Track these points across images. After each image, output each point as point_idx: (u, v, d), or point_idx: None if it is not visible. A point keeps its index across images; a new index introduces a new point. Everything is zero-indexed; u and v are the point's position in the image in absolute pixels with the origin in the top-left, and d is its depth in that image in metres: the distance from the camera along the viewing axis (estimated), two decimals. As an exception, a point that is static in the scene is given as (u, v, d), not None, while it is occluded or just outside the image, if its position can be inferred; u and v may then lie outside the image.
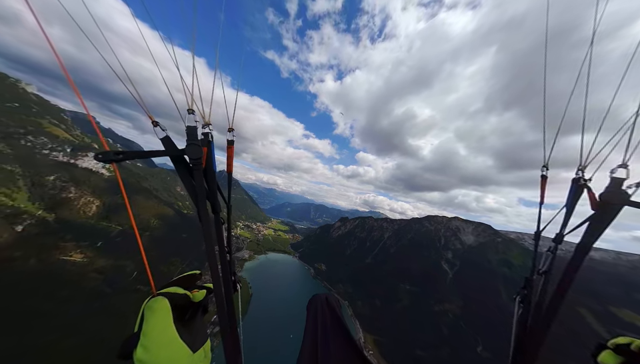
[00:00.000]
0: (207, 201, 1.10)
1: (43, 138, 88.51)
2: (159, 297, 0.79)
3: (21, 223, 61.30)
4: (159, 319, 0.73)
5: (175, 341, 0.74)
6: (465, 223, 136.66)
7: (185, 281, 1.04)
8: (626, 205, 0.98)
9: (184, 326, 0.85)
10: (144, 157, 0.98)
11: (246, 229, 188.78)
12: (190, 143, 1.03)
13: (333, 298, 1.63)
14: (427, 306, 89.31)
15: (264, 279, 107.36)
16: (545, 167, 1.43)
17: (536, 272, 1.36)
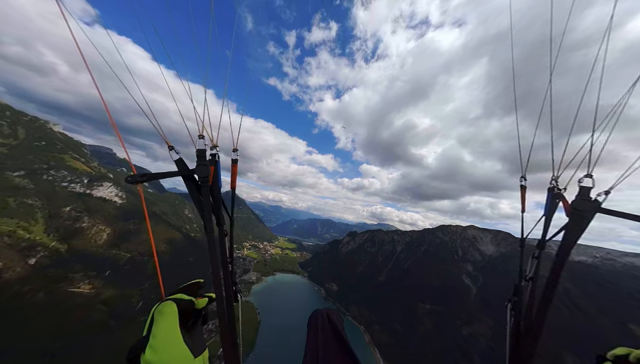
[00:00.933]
0: (212, 215, 1.24)
1: (64, 171, 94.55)
2: (168, 301, 0.84)
3: (34, 255, 62.55)
4: (168, 321, 0.78)
5: (180, 343, 0.78)
6: (482, 232, 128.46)
7: (189, 288, 1.11)
8: (597, 212, 1.08)
9: (187, 332, 0.90)
10: (162, 177, 1.19)
11: (253, 250, 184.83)
12: (199, 164, 1.23)
13: (334, 313, 1.62)
14: (453, 329, 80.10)
15: (273, 304, 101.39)
16: (523, 177, 1.58)
17: (523, 278, 1.45)
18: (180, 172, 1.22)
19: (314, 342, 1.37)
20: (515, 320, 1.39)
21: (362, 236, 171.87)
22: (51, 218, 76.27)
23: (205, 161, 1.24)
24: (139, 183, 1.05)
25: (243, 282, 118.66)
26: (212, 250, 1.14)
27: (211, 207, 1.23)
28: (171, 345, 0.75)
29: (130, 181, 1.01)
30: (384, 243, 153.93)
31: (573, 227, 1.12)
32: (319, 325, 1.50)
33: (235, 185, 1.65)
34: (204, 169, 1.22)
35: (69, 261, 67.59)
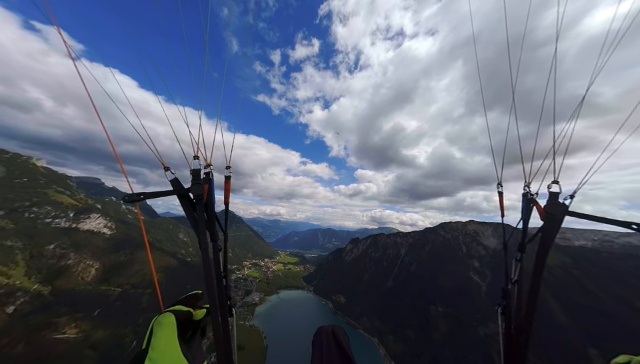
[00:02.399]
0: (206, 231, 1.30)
1: (47, 207, 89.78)
2: (167, 313, 0.87)
3: (13, 303, 57.10)
4: (167, 333, 0.79)
5: (178, 356, 0.78)
6: (482, 226, 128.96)
7: (188, 300, 1.14)
8: (566, 215, 1.19)
9: (185, 343, 0.92)
10: (159, 196, 1.23)
11: (254, 268, 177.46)
12: (195, 183, 1.29)
13: (340, 330, 1.62)
14: (470, 330, 77.08)
15: (279, 325, 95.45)
16: (500, 184, 1.70)
17: (509, 281, 1.50)
18: (176, 191, 1.28)
19: (318, 360, 1.36)
20: (506, 323, 1.46)
21: (364, 242, 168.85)
22: (32, 258, 70.99)
23: (199, 180, 1.30)
24: (138, 202, 1.08)
25: (246, 304, 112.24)
26: (206, 265, 1.18)
27: (205, 224, 1.28)
28: (169, 358, 0.75)
29: (127, 199, 1.04)
30: (387, 247, 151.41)
31: (548, 229, 1.20)
32: (324, 342, 1.47)
33: (229, 201, 1.68)
34: (199, 188, 1.27)
35: (52, 304, 62.03)
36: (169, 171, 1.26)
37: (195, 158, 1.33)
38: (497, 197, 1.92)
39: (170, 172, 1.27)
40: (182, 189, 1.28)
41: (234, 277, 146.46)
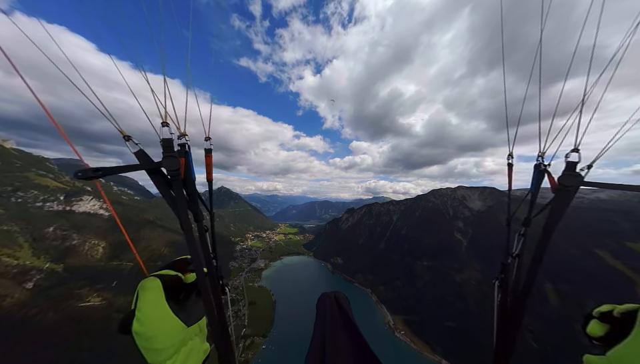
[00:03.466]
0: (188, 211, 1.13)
1: (33, 191, 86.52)
2: (151, 277, 0.90)
3: (30, 280, 60.33)
4: (150, 296, 0.84)
5: (168, 315, 0.84)
6: (470, 190, 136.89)
7: (176, 264, 1.13)
8: (581, 186, 1.10)
9: (177, 304, 0.96)
10: (121, 171, 1.01)
11: (256, 239, 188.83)
12: (167, 155, 1.05)
13: (342, 296, 1.69)
14: (448, 277, 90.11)
15: (284, 283, 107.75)
16: (510, 155, 1.55)
17: (510, 255, 1.44)
18: (143, 165, 1.05)
19: (322, 322, 1.44)
20: (502, 296, 1.43)
21: (359, 211, 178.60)
22: (35, 241, 71.98)
23: (173, 152, 1.08)
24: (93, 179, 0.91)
25: (253, 270, 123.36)
26: (192, 248, 1.07)
27: (186, 203, 1.13)
28: (157, 318, 0.82)
29: (81, 176, 0.89)
30: (381, 214, 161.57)
31: (559, 202, 1.13)
32: (327, 307, 1.56)
33: (212, 177, 1.50)
34: (173, 162, 1.06)
35: (69, 279, 66.07)
36: (131, 140, 1.01)
37: (164, 125, 1.07)
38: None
39: (133, 142, 1.01)
40: (152, 162, 1.05)
41: (239, 247, 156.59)
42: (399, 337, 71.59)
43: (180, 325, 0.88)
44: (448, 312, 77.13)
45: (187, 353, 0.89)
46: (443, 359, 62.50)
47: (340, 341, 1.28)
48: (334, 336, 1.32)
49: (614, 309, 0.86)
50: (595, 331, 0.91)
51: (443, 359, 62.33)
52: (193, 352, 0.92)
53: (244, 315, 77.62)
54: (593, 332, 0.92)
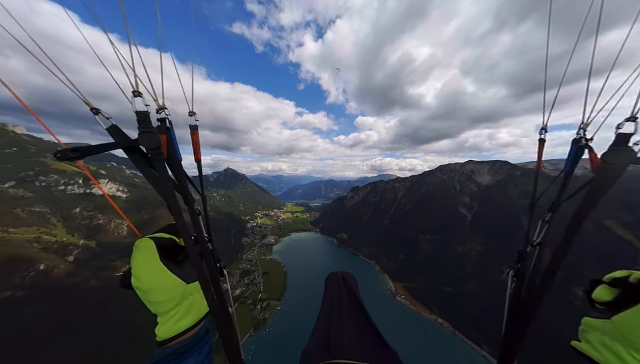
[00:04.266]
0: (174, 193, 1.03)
1: (54, 175, 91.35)
2: (145, 238, 0.93)
3: (71, 254, 68.00)
4: (144, 254, 0.89)
5: (163, 272, 0.90)
6: (479, 165, 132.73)
7: (171, 228, 1.14)
8: (631, 163, 0.88)
9: (175, 264, 1.01)
10: (99, 151, 0.89)
11: (265, 218, 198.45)
12: (143, 131, 0.92)
13: (350, 276, 1.72)
14: (450, 250, 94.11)
15: (294, 256, 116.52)
16: (544, 129, 1.31)
17: (530, 244, 1.29)
18: (119, 143, 0.93)
19: (329, 299, 1.49)
20: (516, 287, 1.28)
21: (364, 189, 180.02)
22: (66, 220, 78.81)
23: (150, 128, 0.94)
24: (73, 160, 0.83)
25: (264, 245, 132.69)
26: (184, 232, 1.00)
27: (172, 185, 1.03)
28: (152, 273, 0.87)
29: (60, 157, 0.82)
30: (386, 192, 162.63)
31: (599, 183, 0.93)
32: (335, 284, 1.59)
33: (200, 157, 1.36)
34: (152, 138, 0.93)
35: (103, 253, 73.99)
36: (100, 114, 0.88)
37: (136, 94, 0.91)
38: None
39: (103, 116, 0.88)
40: (128, 139, 0.92)
41: (249, 225, 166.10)
42: (399, 300, 78.89)
43: (178, 281, 0.92)
44: (447, 279, 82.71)
45: (189, 305, 0.94)
46: (439, 318, 69.40)
47: (346, 317, 1.32)
48: (340, 312, 1.36)
49: (630, 274, 0.83)
50: (602, 295, 0.89)
51: (439, 318, 69.23)
52: (194, 305, 0.97)
53: (259, 282, 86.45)
54: (599, 297, 0.90)
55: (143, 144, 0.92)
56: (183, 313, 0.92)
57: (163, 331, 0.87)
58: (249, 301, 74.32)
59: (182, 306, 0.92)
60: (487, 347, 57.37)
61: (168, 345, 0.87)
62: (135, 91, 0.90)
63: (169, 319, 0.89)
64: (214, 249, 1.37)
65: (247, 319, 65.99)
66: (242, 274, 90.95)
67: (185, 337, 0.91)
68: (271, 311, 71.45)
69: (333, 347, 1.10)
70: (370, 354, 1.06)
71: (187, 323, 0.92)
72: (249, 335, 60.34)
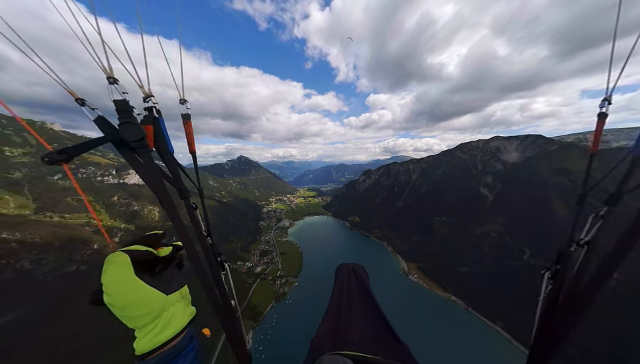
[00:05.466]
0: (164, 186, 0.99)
1: (91, 167, 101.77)
2: (119, 252, 0.87)
3: (116, 235, 78.26)
4: (116, 269, 0.82)
5: (140, 287, 0.84)
6: (507, 141, 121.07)
7: (147, 239, 1.06)
8: None
9: (153, 276, 0.95)
10: (86, 149, 0.85)
11: (279, 203, 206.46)
12: (124, 122, 0.86)
13: (359, 267, 1.74)
14: (467, 231, 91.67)
15: (308, 238, 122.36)
16: (607, 100, 1.02)
17: (575, 242, 1.09)
18: (103, 137, 0.87)
19: (339, 290, 1.49)
20: (554, 290, 1.10)
21: (377, 172, 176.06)
22: (107, 207, 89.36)
23: (131, 118, 0.87)
24: (60, 162, 0.77)
25: (279, 228, 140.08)
26: (179, 227, 0.96)
27: (160, 178, 0.98)
28: (128, 289, 0.82)
29: (48, 161, 0.76)
30: (399, 174, 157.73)
31: None
32: (345, 276, 1.60)
33: (194, 148, 1.29)
34: (133, 130, 0.87)
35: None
36: (86, 105, 0.81)
37: (112, 81, 0.82)
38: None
39: (88, 108, 0.82)
40: (112, 132, 0.86)
41: (265, 210, 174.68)
42: (412, 279, 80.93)
43: (156, 294, 0.88)
44: (462, 260, 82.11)
45: (169, 317, 0.91)
46: (452, 295, 70.70)
47: (356, 309, 1.31)
48: (350, 303, 1.35)
49: None
50: None
51: (452, 296, 70.53)
52: (175, 316, 0.93)
53: (277, 261, 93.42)
54: None
55: (124, 136, 0.86)
56: (163, 325, 0.88)
57: (142, 345, 0.83)
58: (270, 277, 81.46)
59: (162, 318, 0.89)
60: (500, 323, 58.18)
61: (149, 358, 0.83)
62: (109, 78, 0.82)
63: (148, 332, 0.85)
64: (213, 243, 1.33)
65: (269, 293, 73.10)
66: (261, 254, 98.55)
67: (167, 348, 0.87)
68: (290, 286, 77.99)
69: (341, 338, 1.09)
70: (380, 348, 1.03)
71: (167, 334, 0.88)
72: (271, 306, 67.21)
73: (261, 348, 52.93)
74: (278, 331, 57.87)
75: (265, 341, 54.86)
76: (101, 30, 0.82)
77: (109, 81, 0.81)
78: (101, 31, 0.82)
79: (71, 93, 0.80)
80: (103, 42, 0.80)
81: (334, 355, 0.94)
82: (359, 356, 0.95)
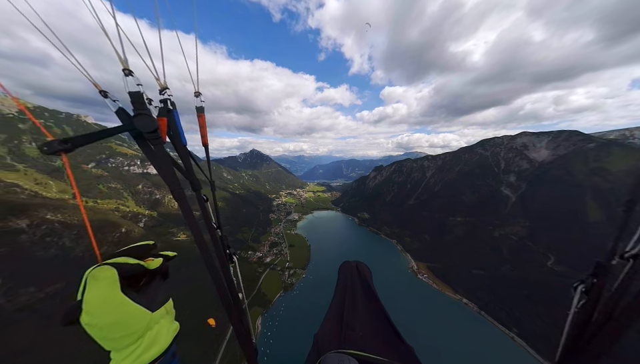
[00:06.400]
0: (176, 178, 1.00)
1: (119, 157, 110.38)
2: (106, 266, 0.79)
3: (141, 221, 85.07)
4: (102, 286, 0.74)
5: (125, 304, 0.77)
6: (536, 137, 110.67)
7: (137, 250, 1.01)
8: None
9: (138, 291, 0.89)
10: (96, 139, 0.85)
11: (289, 196, 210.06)
12: (137, 113, 0.88)
13: (363, 265, 1.75)
14: (484, 233, 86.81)
15: (317, 232, 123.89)
16: None
17: (618, 255, 0.96)
18: (115, 128, 0.89)
19: (342, 287, 1.50)
20: (587, 307, 0.99)
21: (388, 168, 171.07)
22: (133, 195, 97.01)
23: (145, 109, 0.90)
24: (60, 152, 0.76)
25: (289, 221, 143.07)
26: (189, 218, 0.96)
27: (173, 170, 1.00)
28: (112, 306, 0.74)
29: (47, 150, 0.75)
30: (412, 171, 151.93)
31: None
32: (349, 274, 1.61)
33: (207, 141, 1.31)
34: (147, 121, 0.90)
35: (163, 221, 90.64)
36: (108, 97, 0.86)
37: (127, 73, 0.85)
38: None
39: (110, 100, 0.86)
40: (127, 123, 0.89)
41: (275, 203, 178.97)
42: (421, 279, 79.02)
43: (142, 311, 0.81)
44: (477, 262, 78.28)
45: (154, 335, 0.84)
46: (463, 298, 68.15)
47: (359, 307, 1.30)
48: (354, 301, 1.35)
49: None
50: None
51: (464, 298, 67.97)
52: (160, 334, 0.86)
53: (286, 253, 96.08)
54: None
55: (138, 127, 0.89)
56: (147, 345, 0.81)
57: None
58: (278, 267, 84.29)
59: (145, 338, 0.81)
60: (516, 330, 55.32)
61: None
62: (125, 70, 0.84)
63: (130, 354, 0.77)
64: (223, 235, 1.34)
65: (278, 282, 75.89)
66: (271, 245, 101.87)
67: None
68: (297, 277, 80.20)
69: (345, 337, 1.08)
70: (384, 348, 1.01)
71: (152, 354, 0.81)
72: (279, 294, 69.94)
73: (269, 333, 55.67)
74: (285, 318, 60.35)
75: (273, 327, 57.55)
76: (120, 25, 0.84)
77: (124, 73, 0.84)
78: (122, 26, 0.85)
79: (95, 85, 0.83)
80: (120, 35, 0.82)
81: (340, 353, 0.92)
82: (364, 356, 0.92)
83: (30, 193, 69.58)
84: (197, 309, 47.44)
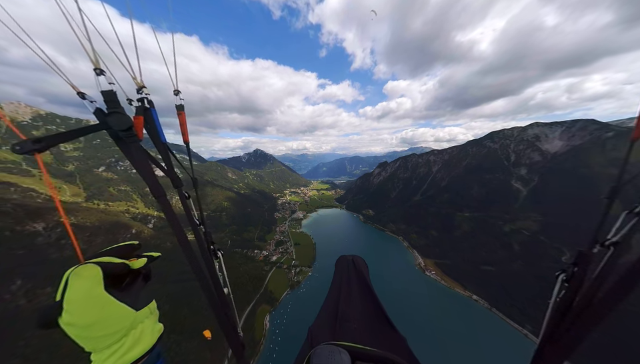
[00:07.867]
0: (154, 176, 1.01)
1: (127, 161, 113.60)
2: (89, 264, 0.78)
3: (150, 222, 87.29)
4: (85, 285, 0.72)
5: (111, 303, 0.76)
6: (549, 128, 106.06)
7: (120, 250, 1.00)
8: None
9: (122, 291, 0.88)
10: (70, 138, 0.82)
11: (293, 195, 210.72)
12: (111, 111, 0.87)
13: (359, 259, 1.77)
14: (494, 228, 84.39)
15: (321, 230, 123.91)
16: None
17: (599, 243, 0.97)
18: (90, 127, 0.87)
19: (338, 281, 1.54)
20: (569, 294, 0.99)
21: (393, 164, 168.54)
22: (142, 197, 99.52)
23: (118, 108, 0.88)
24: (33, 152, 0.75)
25: (294, 220, 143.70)
26: (170, 215, 0.96)
27: (150, 167, 1.01)
28: (97, 306, 0.72)
29: (19, 150, 0.73)
30: (418, 166, 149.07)
31: None
32: (345, 268, 1.64)
33: (188, 139, 1.31)
34: (121, 120, 0.88)
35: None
36: (86, 99, 0.84)
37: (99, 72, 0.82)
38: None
39: (88, 101, 0.85)
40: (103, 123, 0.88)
41: (280, 202, 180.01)
42: (429, 275, 77.85)
43: (127, 310, 0.81)
44: (487, 258, 76.34)
45: (138, 334, 0.83)
46: (473, 295, 66.73)
47: (354, 300, 1.33)
48: (349, 295, 1.38)
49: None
50: None
51: (474, 295, 66.55)
52: (144, 333, 0.85)
53: (292, 251, 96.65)
54: None
55: (112, 125, 0.87)
56: (130, 345, 0.80)
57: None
58: (284, 266, 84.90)
59: (129, 337, 0.80)
60: (529, 326, 53.78)
61: None
62: (96, 69, 0.81)
63: (113, 353, 0.76)
64: (206, 231, 1.33)
65: (284, 281, 76.50)
66: (277, 244, 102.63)
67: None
68: (304, 275, 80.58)
69: (338, 329, 1.10)
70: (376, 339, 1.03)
71: (136, 353, 0.80)
72: (286, 293, 70.49)
73: (277, 331, 56.29)
74: (293, 316, 60.82)
75: (282, 325, 58.14)
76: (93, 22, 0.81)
77: (95, 73, 0.81)
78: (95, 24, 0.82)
79: (72, 87, 0.81)
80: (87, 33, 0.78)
81: (330, 345, 0.93)
82: (355, 347, 0.93)
83: (45, 197, 72.35)
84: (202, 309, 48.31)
